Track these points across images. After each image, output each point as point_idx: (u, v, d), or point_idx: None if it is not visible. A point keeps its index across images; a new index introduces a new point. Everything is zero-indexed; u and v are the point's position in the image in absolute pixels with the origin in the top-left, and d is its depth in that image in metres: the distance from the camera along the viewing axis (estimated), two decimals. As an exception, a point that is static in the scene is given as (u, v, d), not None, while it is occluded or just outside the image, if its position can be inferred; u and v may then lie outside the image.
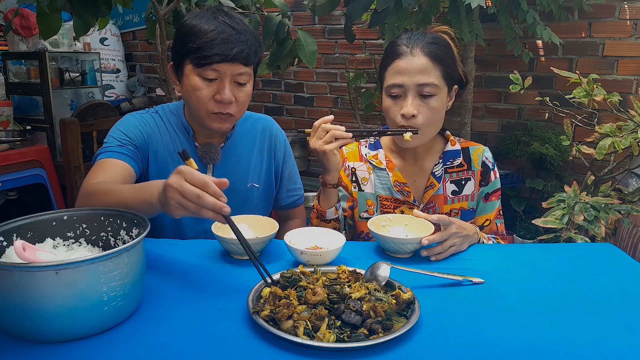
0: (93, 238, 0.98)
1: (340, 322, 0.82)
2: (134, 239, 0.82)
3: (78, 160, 2.46)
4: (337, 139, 1.24)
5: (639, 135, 1.72)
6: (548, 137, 2.77)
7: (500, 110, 3.10)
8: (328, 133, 1.24)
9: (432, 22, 2.42)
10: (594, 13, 2.71)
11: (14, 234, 0.89)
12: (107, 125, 2.68)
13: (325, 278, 0.93)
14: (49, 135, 2.95)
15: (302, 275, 0.93)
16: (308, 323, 0.80)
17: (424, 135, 1.32)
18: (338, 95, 3.61)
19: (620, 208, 1.64)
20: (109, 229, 0.97)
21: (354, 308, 0.83)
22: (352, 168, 1.47)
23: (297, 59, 2.47)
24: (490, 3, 2.41)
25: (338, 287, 0.89)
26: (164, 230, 1.39)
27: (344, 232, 1.47)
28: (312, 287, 0.87)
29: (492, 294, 0.98)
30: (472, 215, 1.44)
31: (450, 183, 1.42)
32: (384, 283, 0.95)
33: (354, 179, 1.46)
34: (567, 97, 1.94)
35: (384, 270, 0.97)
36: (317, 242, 1.15)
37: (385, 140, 1.48)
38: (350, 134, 1.25)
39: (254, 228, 1.19)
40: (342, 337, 0.79)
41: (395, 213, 1.39)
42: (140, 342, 0.79)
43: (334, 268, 1.00)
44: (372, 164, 1.45)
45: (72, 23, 1.97)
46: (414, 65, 1.27)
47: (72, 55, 3.17)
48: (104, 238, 0.98)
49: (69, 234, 0.96)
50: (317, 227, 1.31)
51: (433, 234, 1.14)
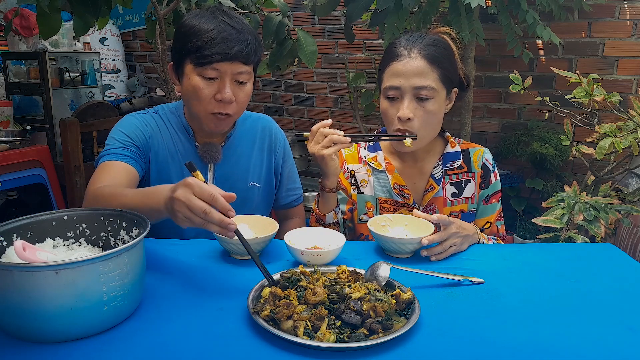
0: (93, 238, 0.98)
1: (340, 322, 0.82)
2: (134, 239, 0.82)
3: (78, 160, 2.46)
4: (335, 144, 1.24)
5: (639, 135, 1.72)
6: (548, 137, 2.77)
7: (500, 110, 3.10)
8: (326, 137, 1.24)
9: (432, 22, 2.42)
10: (594, 13, 2.70)
11: (14, 234, 0.89)
12: (107, 125, 2.68)
13: (325, 278, 0.93)
14: (49, 135, 2.95)
15: (302, 275, 0.93)
16: (308, 323, 0.80)
17: (422, 139, 1.31)
18: (338, 95, 3.61)
19: (620, 208, 1.64)
20: (109, 229, 0.97)
21: (354, 308, 0.83)
22: (351, 170, 1.46)
23: (297, 59, 2.47)
24: (490, 3, 2.41)
25: (338, 287, 0.89)
26: (164, 231, 1.39)
27: (344, 234, 1.47)
28: (312, 287, 0.87)
29: (492, 294, 0.98)
30: (472, 218, 1.43)
31: (450, 185, 1.41)
32: (384, 283, 0.95)
33: (353, 182, 1.45)
34: (567, 97, 1.94)
35: (384, 270, 0.97)
36: (317, 242, 1.15)
37: (385, 142, 1.48)
38: (349, 139, 1.24)
39: (254, 228, 1.19)
40: (342, 337, 0.79)
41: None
42: (140, 342, 0.79)
43: (334, 268, 1.00)
44: (371, 167, 1.44)
45: (72, 23, 1.97)
46: (411, 68, 1.26)
47: (72, 55, 3.17)
48: (104, 238, 0.98)
49: (69, 234, 0.96)
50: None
51: (433, 234, 1.13)
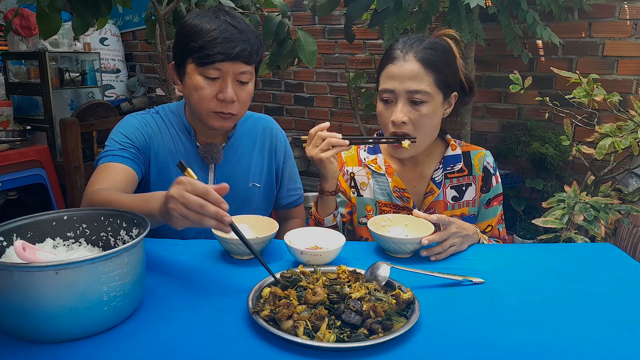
0: (93, 238, 0.98)
1: (340, 322, 0.82)
2: (134, 239, 0.82)
3: (78, 160, 2.46)
4: (333, 147, 1.23)
5: (639, 135, 1.72)
6: (548, 137, 2.77)
7: (500, 110, 3.10)
8: (324, 141, 1.23)
9: (432, 22, 2.42)
10: (594, 13, 2.70)
11: (14, 234, 0.89)
12: (107, 125, 2.68)
13: (325, 278, 0.93)
14: (49, 135, 2.95)
15: (302, 275, 0.93)
16: (308, 323, 0.80)
17: (418, 143, 1.29)
18: (338, 95, 3.61)
19: (620, 208, 1.64)
20: (109, 229, 0.97)
21: (354, 308, 0.83)
22: (350, 173, 1.44)
23: (297, 59, 2.47)
24: (490, 3, 2.41)
25: (338, 287, 0.89)
26: (164, 231, 1.39)
27: None
28: (312, 287, 0.87)
29: (492, 294, 0.98)
30: (472, 222, 1.42)
31: (451, 189, 1.40)
32: (384, 283, 0.95)
33: (353, 184, 1.44)
34: (567, 97, 1.94)
35: (384, 270, 0.97)
36: (317, 242, 1.15)
37: (384, 144, 1.47)
38: (347, 142, 1.23)
39: (254, 228, 1.19)
40: (342, 337, 0.79)
41: None
42: (140, 342, 0.79)
43: (334, 268, 1.00)
44: (371, 169, 1.43)
45: (71, 23, 1.97)
46: (405, 71, 1.24)
47: (72, 55, 3.17)
48: (104, 238, 0.98)
49: (69, 234, 0.96)
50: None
51: (433, 234, 1.13)
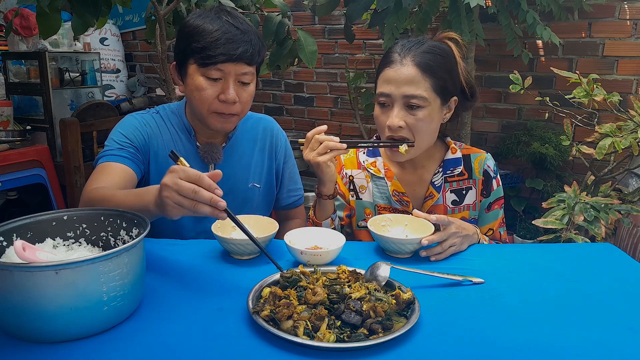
0: (93, 238, 0.98)
1: (340, 322, 0.82)
2: (134, 239, 0.82)
3: (78, 160, 2.46)
4: (331, 150, 1.22)
5: (639, 135, 1.72)
6: (548, 137, 2.77)
7: (500, 110, 3.10)
8: (322, 144, 1.22)
9: (432, 22, 2.42)
10: (594, 13, 2.71)
11: (14, 234, 0.89)
12: (107, 125, 2.68)
13: (325, 278, 0.93)
14: (49, 135, 2.95)
15: (302, 275, 0.93)
16: (308, 323, 0.80)
17: (415, 148, 1.28)
18: (338, 95, 3.61)
19: (620, 208, 1.64)
20: (109, 229, 0.97)
21: (354, 308, 0.82)
22: (349, 176, 1.43)
23: (297, 59, 2.47)
24: (490, 3, 2.41)
25: (338, 287, 0.89)
26: (164, 231, 1.39)
27: None
28: (312, 287, 0.87)
29: (492, 294, 0.98)
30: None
31: (451, 193, 1.39)
32: (384, 283, 0.95)
33: (352, 187, 1.43)
34: (567, 97, 1.94)
35: (384, 270, 0.97)
36: (317, 242, 1.15)
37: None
38: (345, 145, 1.23)
39: (254, 228, 1.19)
40: (342, 337, 0.79)
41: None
42: (140, 342, 0.79)
43: (334, 268, 1.00)
44: (370, 173, 1.42)
45: (71, 23, 1.97)
46: (402, 76, 1.23)
47: (72, 55, 3.17)
48: (104, 238, 0.98)
49: (69, 234, 0.96)
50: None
51: (433, 234, 1.13)
